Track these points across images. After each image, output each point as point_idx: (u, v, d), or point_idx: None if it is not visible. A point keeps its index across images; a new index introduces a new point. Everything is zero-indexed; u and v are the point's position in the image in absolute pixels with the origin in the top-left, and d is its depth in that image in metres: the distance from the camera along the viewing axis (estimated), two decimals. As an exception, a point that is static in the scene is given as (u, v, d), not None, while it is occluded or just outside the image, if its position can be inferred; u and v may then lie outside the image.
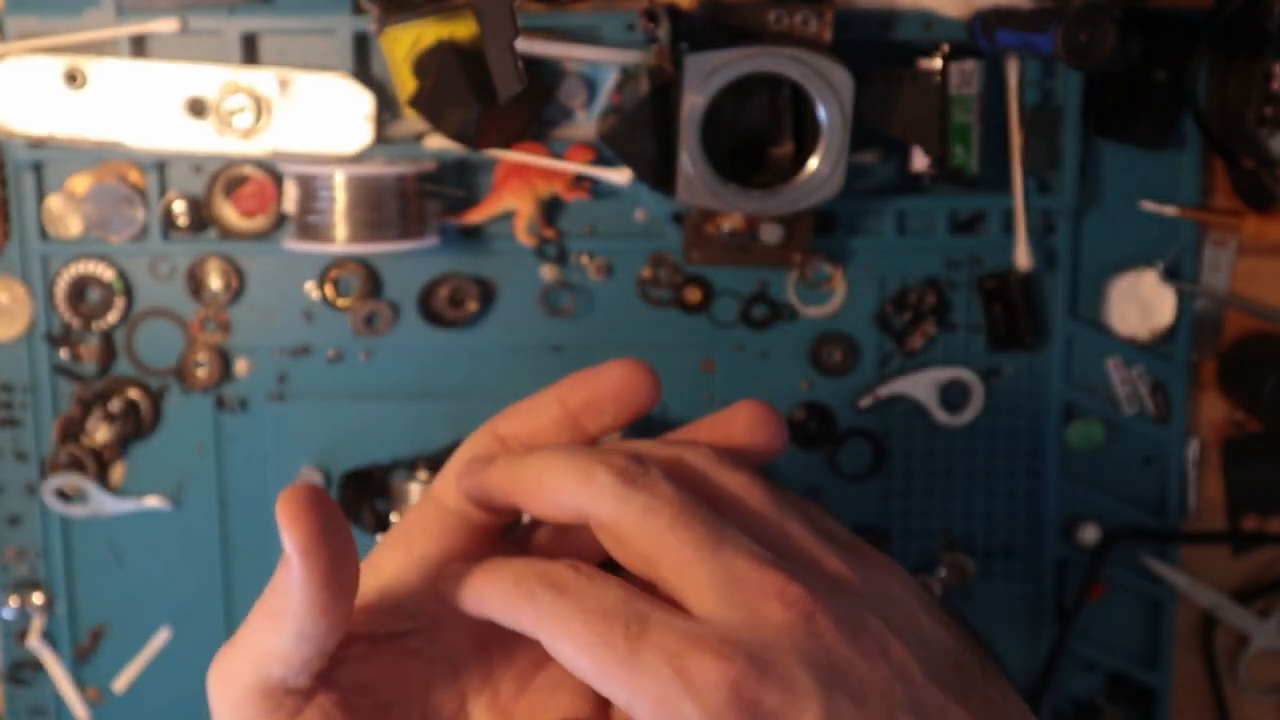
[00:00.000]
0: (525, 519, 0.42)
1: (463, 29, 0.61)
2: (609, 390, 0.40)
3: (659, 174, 0.61)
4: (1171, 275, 0.67)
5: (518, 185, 0.65)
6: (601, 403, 0.41)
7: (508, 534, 0.42)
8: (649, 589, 0.38)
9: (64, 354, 0.67)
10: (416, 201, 0.63)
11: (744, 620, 0.36)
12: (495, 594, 0.38)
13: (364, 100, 0.63)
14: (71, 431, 0.67)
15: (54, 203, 0.66)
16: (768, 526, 0.39)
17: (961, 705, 0.36)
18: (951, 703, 0.36)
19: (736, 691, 0.34)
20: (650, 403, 0.41)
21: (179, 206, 0.66)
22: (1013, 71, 0.65)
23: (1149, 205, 0.67)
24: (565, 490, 0.38)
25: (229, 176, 0.65)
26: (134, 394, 0.67)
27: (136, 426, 0.67)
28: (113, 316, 0.67)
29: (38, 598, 0.68)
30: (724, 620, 0.36)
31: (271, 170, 0.65)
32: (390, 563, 0.39)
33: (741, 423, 0.41)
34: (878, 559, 0.41)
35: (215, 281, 0.67)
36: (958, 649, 0.39)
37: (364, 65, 0.65)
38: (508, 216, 0.66)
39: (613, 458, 0.39)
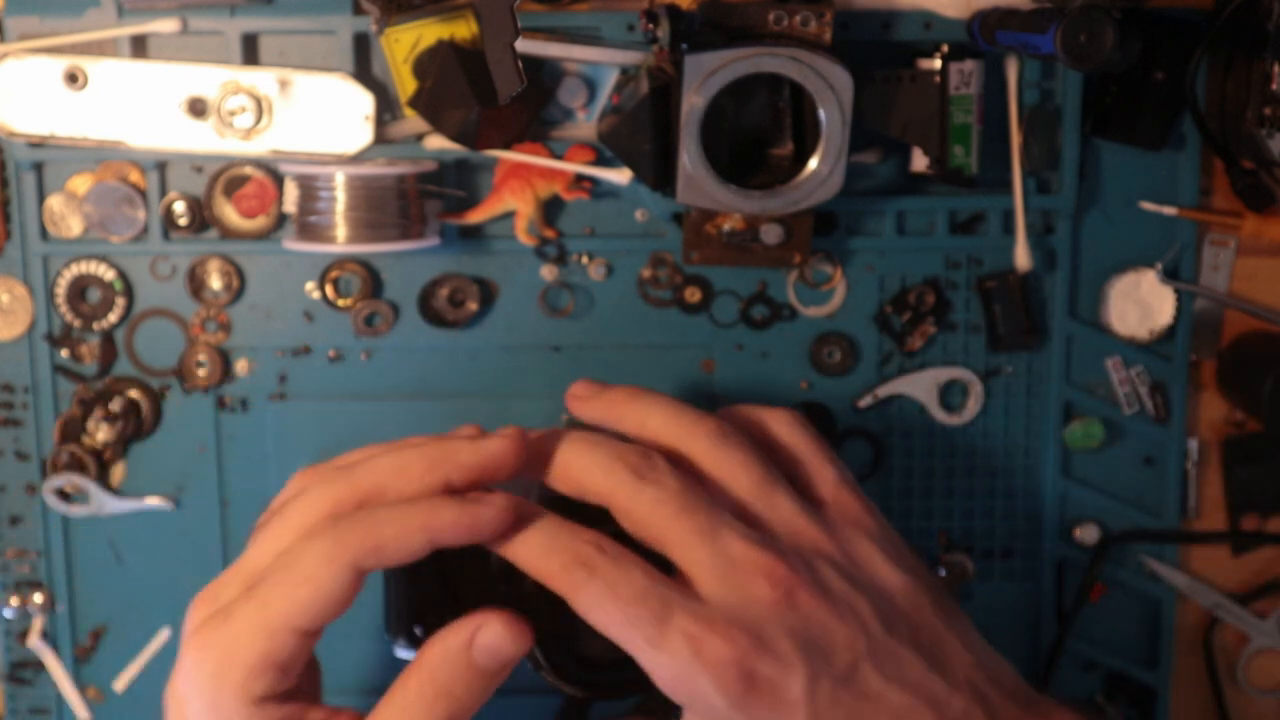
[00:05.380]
0: None
1: (463, 29, 0.61)
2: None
3: (659, 174, 0.61)
4: (1171, 275, 0.67)
5: (518, 185, 0.65)
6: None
7: None
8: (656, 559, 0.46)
9: (64, 354, 0.67)
10: (416, 201, 0.63)
11: (740, 600, 0.44)
12: (527, 553, 0.45)
13: (364, 100, 0.63)
14: (72, 431, 0.67)
15: (54, 203, 0.66)
16: (756, 504, 0.48)
17: (910, 647, 0.45)
18: (901, 646, 0.45)
19: (740, 666, 0.42)
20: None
21: (179, 207, 0.66)
22: (1012, 72, 0.65)
23: (1148, 205, 0.67)
24: (591, 478, 0.46)
25: (229, 177, 0.65)
26: (134, 394, 0.67)
27: (137, 426, 0.67)
28: (113, 316, 0.67)
29: (38, 598, 0.69)
30: (724, 600, 0.44)
31: (272, 170, 0.65)
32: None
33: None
34: (852, 514, 0.51)
35: (215, 281, 0.67)
36: (913, 589, 0.48)
37: (364, 65, 0.65)
38: (508, 216, 0.66)
39: (628, 455, 0.47)
